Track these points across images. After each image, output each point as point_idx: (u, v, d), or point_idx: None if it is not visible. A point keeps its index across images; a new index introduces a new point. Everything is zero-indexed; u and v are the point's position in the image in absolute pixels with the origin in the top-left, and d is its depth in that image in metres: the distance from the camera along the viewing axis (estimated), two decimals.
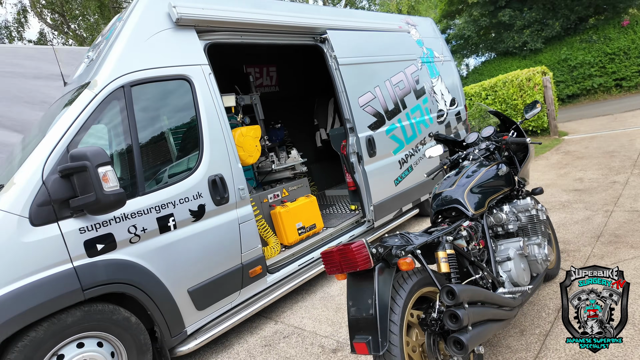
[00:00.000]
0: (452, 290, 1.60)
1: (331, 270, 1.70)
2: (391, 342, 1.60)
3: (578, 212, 4.20)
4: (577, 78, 15.65)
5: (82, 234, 2.32)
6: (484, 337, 1.71)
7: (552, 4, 15.71)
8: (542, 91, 9.60)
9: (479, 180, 2.36)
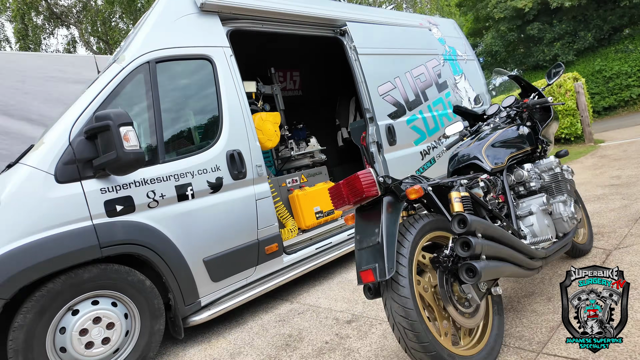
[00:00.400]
0: (464, 218, 1.53)
1: (337, 203, 1.67)
2: (399, 272, 1.53)
3: (614, 202, 3.95)
4: (614, 89, 15.04)
5: (102, 194, 2.41)
6: (499, 273, 1.61)
7: (583, 15, 15.39)
8: (575, 97, 9.29)
9: (498, 138, 2.28)
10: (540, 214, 2.05)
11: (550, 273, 2.60)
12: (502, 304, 1.90)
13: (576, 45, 15.70)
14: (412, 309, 1.49)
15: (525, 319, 2.08)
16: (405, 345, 1.52)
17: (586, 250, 2.75)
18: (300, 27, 3.86)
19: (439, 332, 1.62)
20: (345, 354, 2.15)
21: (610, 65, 15.11)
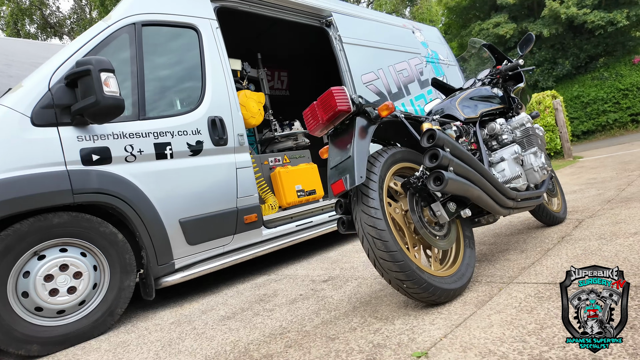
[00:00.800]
0: (434, 132, 1.57)
1: (311, 124, 1.69)
2: (369, 186, 1.54)
3: (589, 192, 4.05)
4: (591, 114, 15.65)
5: (79, 142, 2.39)
6: (466, 190, 1.63)
7: (561, 44, 16.17)
8: (553, 114, 9.63)
9: (471, 93, 2.36)
10: (512, 162, 2.10)
11: (524, 236, 2.63)
12: (473, 239, 1.92)
13: (555, 72, 16.40)
14: (381, 219, 1.49)
15: (498, 264, 2.09)
16: (373, 257, 1.51)
17: (561, 219, 2.81)
18: (288, 13, 3.98)
19: (409, 250, 1.62)
20: (318, 300, 2.11)
21: (587, 92, 15.78)
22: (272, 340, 1.66)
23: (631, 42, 15.49)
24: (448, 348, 1.26)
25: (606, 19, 14.26)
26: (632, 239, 2.05)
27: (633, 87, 14.92)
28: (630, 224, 2.38)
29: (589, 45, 15.58)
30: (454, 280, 1.65)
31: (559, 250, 2.12)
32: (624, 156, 7.77)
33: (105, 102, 2.26)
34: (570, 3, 14.55)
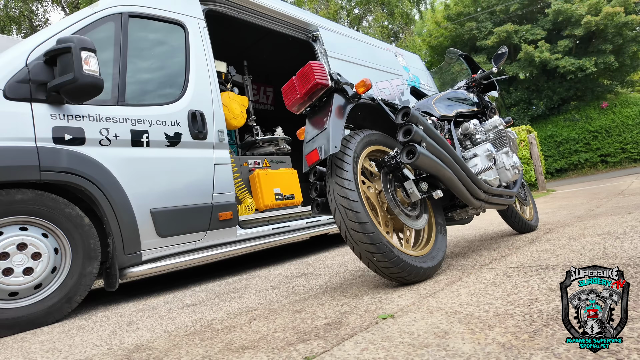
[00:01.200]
0: (408, 110, 1.60)
1: (289, 99, 1.70)
2: (343, 160, 1.54)
3: (562, 212, 4.17)
4: (564, 153, 16.33)
5: (52, 120, 2.33)
6: (437, 169, 1.65)
7: (535, 85, 17.06)
8: (528, 147, 10.01)
9: (447, 94, 2.44)
10: (484, 158, 2.15)
11: (497, 240, 2.66)
12: (445, 226, 1.92)
13: (530, 111, 17.20)
14: (354, 190, 1.49)
15: (469, 258, 2.10)
16: (344, 228, 1.49)
17: (533, 226, 2.86)
18: (276, 24, 4.10)
19: (381, 226, 1.61)
20: (288, 288, 2.05)
21: (560, 132, 16.54)
22: (237, 316, 1.59)
23: (599, 88, 16.49)
24: (415, 310, 1.23)
25: (576, 65, 15.20)
26: (598, 238, 2.10)
27: (602, 130, 15.74)
28: (597, 228, 2.45)
29: (561, 88, 16.49)
30: (424, 261, 1.64)
31: (530, 247, 2.15)
32: (594, 189, 8.08)
33: (83, 79, 2.24)
34: (543, 48, 15.49)
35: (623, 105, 16.07)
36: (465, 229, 3.75)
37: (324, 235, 6.42)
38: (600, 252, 1.72)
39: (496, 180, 2.12)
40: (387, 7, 18.22)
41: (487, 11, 17.67)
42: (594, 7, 15.02)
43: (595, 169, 15.78)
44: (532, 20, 17.11)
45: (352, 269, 2.35)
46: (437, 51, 19.83)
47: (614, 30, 14.94)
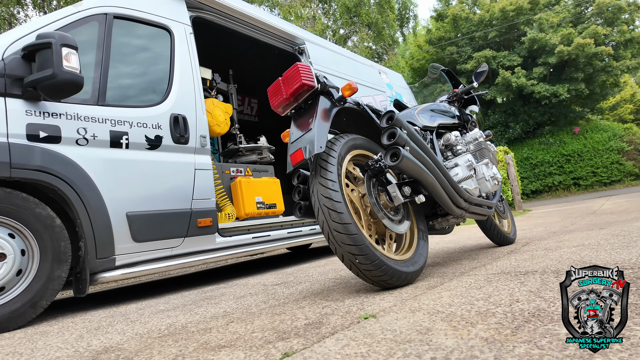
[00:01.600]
0: (393, 113, 1.61)
1: (275, 99, 1.69)
2: (328, 161, 1.54)
3: (538, 229, 4.26)
4: (539, 175, 16.85)
5: (27, 116, 2.25)
6: (420, 173, 1.66)
7: (512, 109, 17.68)
8: (505, 167, 10.29)
9: (430, 106, 2.49)
10: (465, 168, 2.18)
11: (477, 252, 2.68)
12: (427, 233, 1.93)
13: (507, 134, 17.76)
14: (338, 191, 1.48)
15: (450, 267, 2.10)
16: (327, 229, 1.47)
17: (511, 239, 2.90)
18: (263, 35, 4.13)
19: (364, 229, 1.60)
20: (268, 295, 2.00)
21: (535, 154, 17.10)
22: (213, 319, 1.53)
23: (572, 114, 17.22)
24: (397, 311, 1.21)
25: (550, 91, 15.87)
26: (574, 249, 2.14)
27: (574, 154, 16.36)
28: (572, 241, 2.50)
29: (537, 113, 17.14)
30: (406, 265, 1.63)
31: (509, 257, 2.17)
32: (568, 209, 8.33)
33: (62, 76, 2.18)
34: (520, 74, 16.14)
35: (594, 131, 16.79)
36: (445, 243, 3.78)
37: (306, 247, 6.36)
38: (577, 260, 1.76)
39: (476, 190, 2.15)
40: (373, 29, 18.72)
41: (466, 37, 18.38)
42: (567, 37, 15.83)
43: (568, 191, 16.31)
44: (509, 47, 17.87)
45: (334, 277, 2.32)
46: (418, 73, 20.38)
47: (584, 60, 15.73)
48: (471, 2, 19.70)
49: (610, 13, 16.53)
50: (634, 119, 22.61)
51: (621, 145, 15.89)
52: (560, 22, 16.92)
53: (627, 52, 16.53)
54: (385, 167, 1.67)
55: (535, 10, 17.32)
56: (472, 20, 18.08)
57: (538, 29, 16.62)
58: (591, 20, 17.09)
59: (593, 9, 16.95)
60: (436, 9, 20.55)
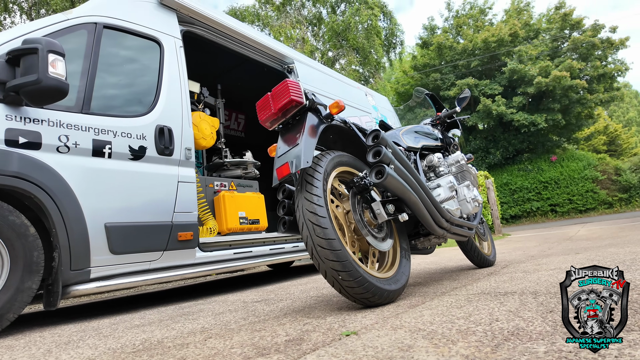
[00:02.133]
0: (379, 132, 1.64)
1: (263, 114, 1.71)
2: (314, 176, 1.55)
3: (517, 252, 4.33)
4: (518, 201, 17.24)
5: (7, 121, 2.20)
6: (404, 192, 1.68)
7: (492, 136, 18.20)
8: (486, 192, 10.50)
9: (414, 128, 2.55)
10: (447, 189, 2.23)
11: (457, 273, 2.70)
12: (409, 251, 1.94)
13: (487, 160, 18.21)
14: (323, 206, 1.49)
15: (431, 287, 2.11)
16: (311, 244, 1.47)
17: (491, 261, 2.94)
18: (253, 52, 4.18)
19: (347, 245, 1.60)
20: (247, 311, 1.96)
21: (514, 180, 17.54)
22: (190, 335, 1.49)
23: (549, 143, 17.83)
24: (378, 328, 1.21)
25: (529, 120, 16.45)
26: (551, 272, 2.18)
27: (552, 181, 16.86)
28: (550, 265, 2.55)
29: (516, 140, 17.68)
30: (389, 283, 1.63)
31: (489, 278, 2.20)
32: (546, 235, 8.52)
33: (47, 82, 2.15)
34: (500, 102, 16.71)
35: (570, 160, 17.39)
36: (426, 263, 3.80)
37: (287, 265, 6.29)
38: (554, 282, 1.79)
39: (457, 211, 2.19)
40: (360, 53, 19.18)
41: (450, 65, 19.01)
42: (544, 69, 16.55)
43: (546, 217, 16.71)
44: (490, 76, 18.55)
45: (315, 295, 2.29)
46: (403, 97, 20.87)
47: (561, 91, 16.44)
48: (455, 32, 20.49)
49: (585, 49, 17.43)
50: (607, 150, 23.56)
51: (595, 175, 16.47)
52: (538, 55, 17.72)
53: (600, 86, 17.38)
54: (370, 185, 1.69)
55: (516, 42, 18.12)
56: (455, 49, 18.76)
57: (518, 60, 17.35)
58: (567, 54, 17.95)
59: (569, 44, 17.85)
60: (422, 36, 21.27)
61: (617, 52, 17.78)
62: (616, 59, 17.93)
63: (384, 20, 20.25)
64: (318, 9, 19.98)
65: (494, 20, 20.49)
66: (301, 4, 19.67)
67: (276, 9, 19.64)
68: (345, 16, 18.23)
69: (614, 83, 17.98)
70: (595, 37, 17.32)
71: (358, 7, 18.06)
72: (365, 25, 18.31)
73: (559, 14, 18.24)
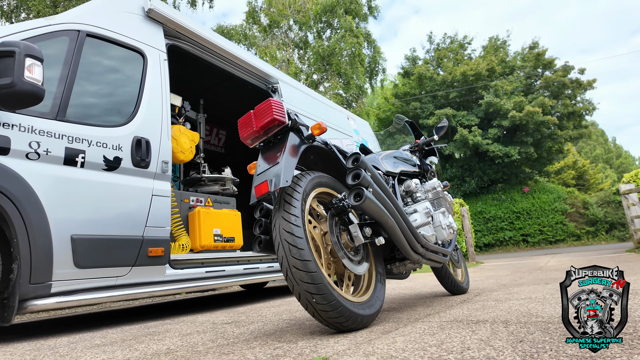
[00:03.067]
0: (359, 155, 1.66)
1: (244, 131, 1.70)
2: (293, 196, 1.53)
3: (489, 281, 4.39)
4: (492, 229, 17.63)
5: None
6: (381, 215, 1.68)
7: (468, 165, 18.71)
8: (460, 219, 10.70)
9: (393, 153, 2.59)
10: (423, 214, 2.25)
11: (431, 300, 2.71)
12: (385, 276, 1.93)
13: (463, 188, 18.64)
14: (300, 227, 1.47)
15: (405, 312, 2.10)
16: (286, 265, 1.44)
17: (464, 289, 2.96)
18: (238, 70, 4.20)
19: (323, 267, 1.58)
20: (216, 333, 1.89)
21: (488, 209, 17.97)
22: (154, 357, 1.42)
23: (522, 175, 18.47)
24: (351, 354, 1.18)
25: (503, 152, 17.04)
26: (522, 301, 2.22)
27: (524, 212, 17.36)
28: (521, 294, 2.60)
29: (491, 170, 18.23)
30: (363, 308, 1.61)
31: (461, 306, 2.21)
32: (517, 264, 8.69)
33: (22, 86, 2.09)
34: (476, 133, 17.29)
35: (541, 192, 18.02)
36: (401, 289, 3.80)
37: (261, 286, 6.14)
38: (525, 311, 1.81)
39: (433, 237, 2.21)
40: (343, 78, 19.59)
41: (430, 94, 19.65)
42: (519, 104, 17.32)
43: (517, 247, 17.10)
44: (468, 107, 19.24)
45: (288, 318, 2.24)
46: (384, 123, 21.33)
47: (534, 126, 17.18)
48: (435, 64, 21.27)
49: (556, 87, 18.39)
50: (576, 184, 24.59)
51: (565, 207, 17.09)
52: (513, 90, 18.55)
53: (569, 123, 18.28)
54: (348, 207, 1.69)
55: (492, 77, 18.95)
56: (435, 80, 19.44)
57: (494, 94, 18.10)
58: (540, 92, 18.87)
59: (541, 82, 18.80)
60: (404, 66, 21.97)
61: (585, 92, 18.83)
62: (584, 98, 18.97)
63: (367, 48, 20.84)
64: (305, 33, 20.42)
65: (473, 55, 21.43)
66: (288, 27, 20.06)
67: (263, 29, 19.95)
68: (331, 42, 18.68)
69: (582, 121, 18.96)
70: (566, 77, 18.33)
71: (343, 34, 18.56)
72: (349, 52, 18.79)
73: (532, 54, 19.27)
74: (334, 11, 18.98)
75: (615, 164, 48.47)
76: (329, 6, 18.77)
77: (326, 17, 19.23)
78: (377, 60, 20.96)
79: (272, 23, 19.52)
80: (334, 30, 19.68)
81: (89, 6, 2.93)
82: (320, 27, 20.17)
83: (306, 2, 19.91)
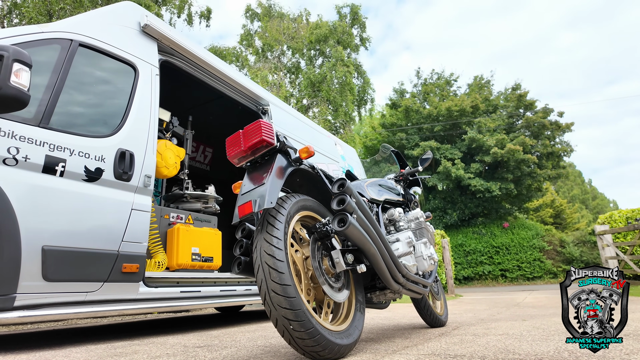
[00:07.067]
0: (344, 181, 1.67)
1: (232, 150, 1.69)
2: (276, 218, 1.52)
3: (467, 314, 4.38)
4: (471, 263, 17.73)
5: None
6: (364, 242, 1.68)
7: (450, 197, 19.00)
8: (441, 251, 10.75)
9: (378, 181, 2.61)
10: (405, 244, 2.25)
11: (409, 332, 2.67)
12: (364, 305, 1.90)
13: (445, 219, 18.83)
14: (282, 250, 1.45)
15: (383, 343, 2.06)
16: (265, 289, 1.41)
17: (443, 322, 2.94)
18: (230, 90, 4.23)
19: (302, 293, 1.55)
20: (187, 357, 1.81)
21: (469, 242, 18.13)
22: None
23: (502, 210, 18.82)
24: None
25: (484, 186, 17.40)
26: (499, 337, 2.21)
27: (503, 247, 17.58)
28: (498, 329, 2.59)
29: (472, 204, 18.53)
30: (341, 337, 1.58)
31: (439, 339, 2.19)
32: (495, 299, 8.73)
33: (6, 90, 2.05)
34: (459, 166, 17.66)
35: (520, 228, 18.34)
36: (380, 319, 3.75)
37: (237, 309, 5.97)
38: (502, 347, 1.81)
39: (414, 267, 2.21)
40: (332, 104, 19.95)
41: (415, 126, 20.12)
42: (500, 141, 17.86)
43: (496, 282, 17.20)
44: (451, 141, 19.72)
45: (263, 344, 2.17)
46: (370, 151, 21.62)
47: (514, 163, 17.68)
48: (422, 98, 21.90)
49: (536, 128, 19.08)
50: (554, 222, 25.16)
51: (542, 244, 17.39)
52: (495, 128, 19.16)
53: (548, 163, 18.88)
54: (331, 232, 1.68)
55: (476, 114, 19.57)
56: (421, 113, 19.96)
57: (477, 130, 18.65)
58: (521, 131, 19.53)
59: (522, 122, 19.50)
60: (392, 98, 22.54)
61: (563, 134, 19.57)
62: (563, 140, 19.70)
63: (357, 78, 21.37)
64: (297, 59, 20.85)
65: (458, 91, 22.18)
66: (281, 52, 20.47)
67: (255, 52, 20.30)
68: (322, 69, 19.11)
69: (561, 162, 19.61)
70: (545, 118, 19.07)
71: (334, 62, 19.04)
72: (340, 80, 19.22)
73: (515, 94, 20.06)
74: (326, 40, 19.52)
75: (591, 205, 50.00)
76: (322, 36, 19.32)
77: (319, 45, 19.75)
78: (367, 90, 21.47)
79: (265, 47, 19.91)
80: (326, 58, 20.17)
81: (85, 16, 2.95)
82: (312, 54, 20.66)
83: (300, 29, 20.45)
